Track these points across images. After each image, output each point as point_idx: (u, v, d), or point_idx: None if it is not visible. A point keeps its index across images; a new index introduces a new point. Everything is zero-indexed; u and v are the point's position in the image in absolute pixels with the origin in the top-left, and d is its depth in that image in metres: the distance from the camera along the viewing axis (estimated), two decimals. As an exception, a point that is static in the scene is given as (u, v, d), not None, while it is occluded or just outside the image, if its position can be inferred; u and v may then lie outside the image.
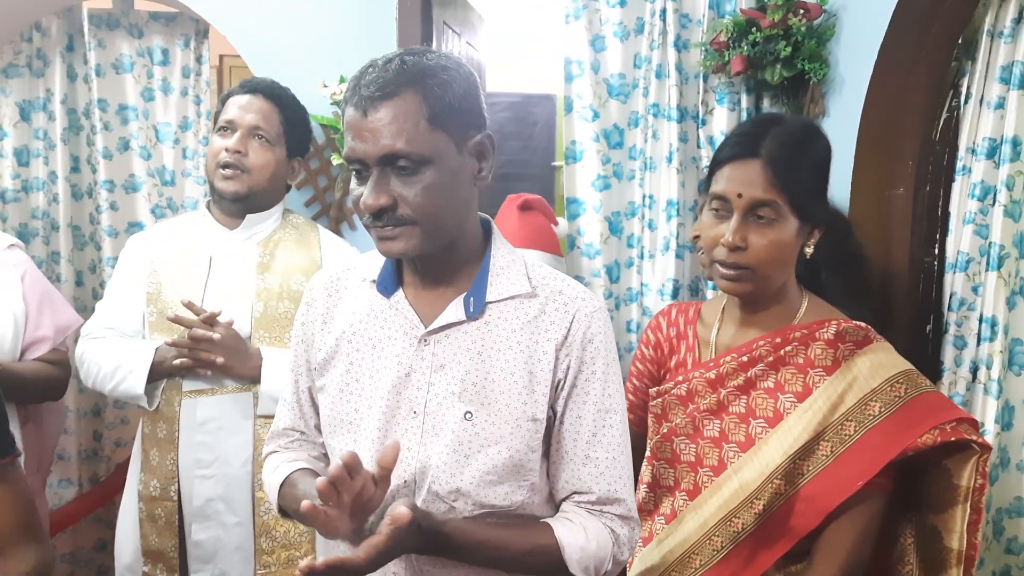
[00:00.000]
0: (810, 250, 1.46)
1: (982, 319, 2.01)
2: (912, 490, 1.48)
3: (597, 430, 1.25)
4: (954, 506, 1.40)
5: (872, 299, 1.91)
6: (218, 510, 1.96)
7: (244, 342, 1.94)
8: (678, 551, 1.50)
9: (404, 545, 1.12)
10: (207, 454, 1.95)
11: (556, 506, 1.29)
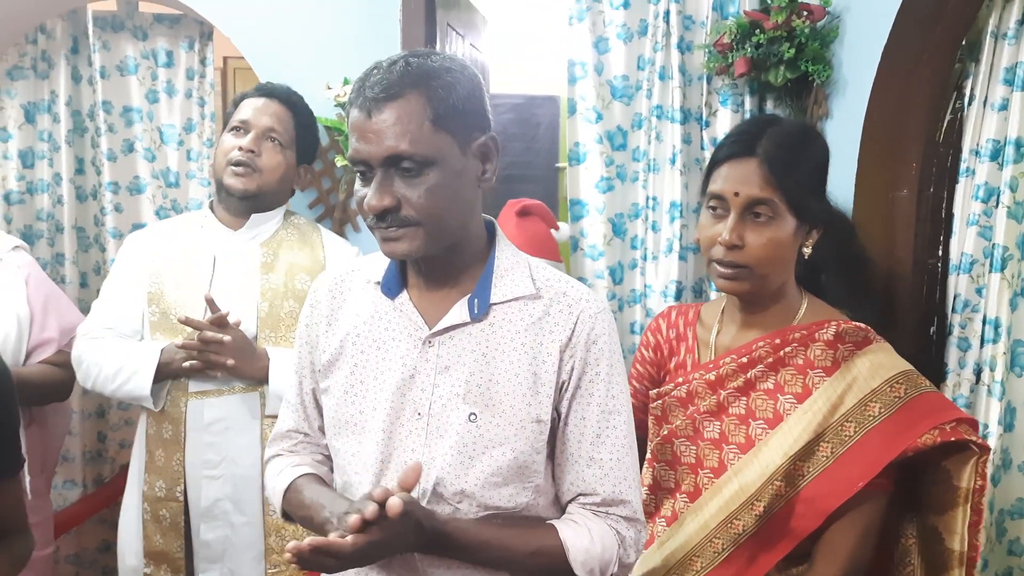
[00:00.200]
0: (808, 250, 1.46)
1: (985, 321, 2.00)
2: (914, 491, 1.48)
3: (601, 431, 1.25)
4: (954, 507, 1.40)
5: (876, 301, 1.91)
6: (226, 510, 1.96)
7: (252, 343, 1.95)
8: (679, 553, 1.50)
9: (401, 540, 1.12)
10: (214, 455, 1.95)
11: (562, 508, 1.29)
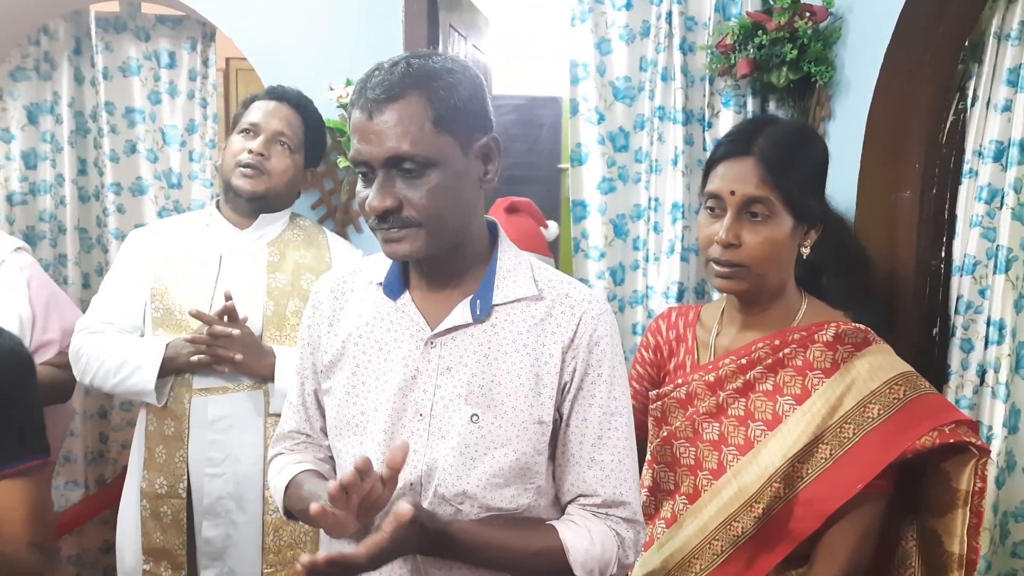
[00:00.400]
0: (806, 250, 1.46)
1: (989, 322, 2.00)
2: (913, 493, 1.47)
3: (602, 433, 1.25)
4: (954, 510, 1.39)
5: (878, 302, 1.90)
6: (228, 508, 1.96)
7: (259, 340, 1.95)
8: (678, 555, 1.50)
9: (407, 544, 1.12)
10: (218, 452, 1.95)
11: (562, 509, 1.29)
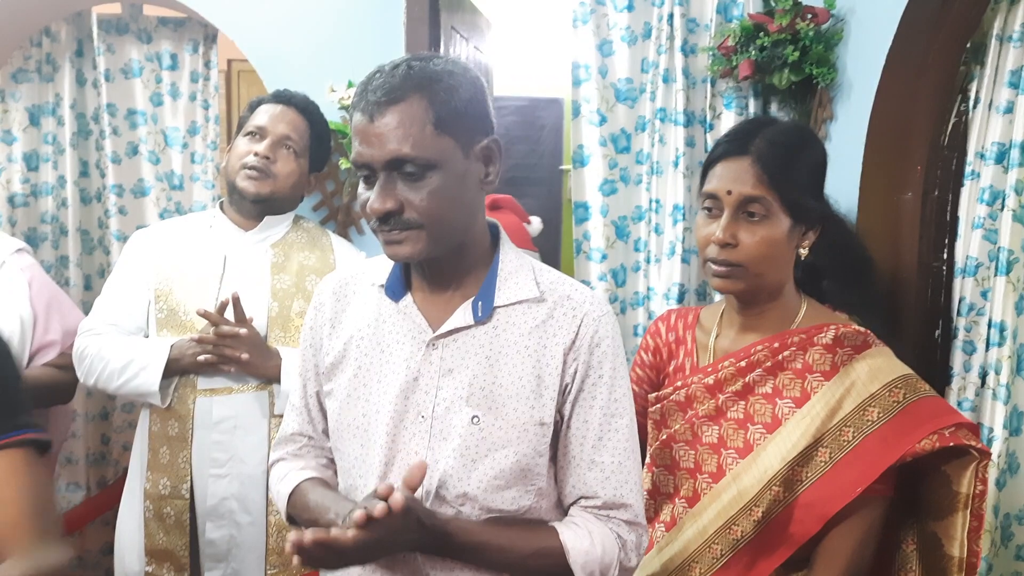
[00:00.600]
0: (804, 251, 1.45)
1: (991, 324, 2.00)
2: (913, 496, 1.46)
3: (603, 434, 1.24)
4: (954, 513, 1.39)
5: (881, 304, 1.90)
6: (232, 509, 1.95)
7: (264, 341, 1.95)
8: (678, 559, 1.49)
9: (401, 537, 1.12)
10: (222, 453, 1.95)
11: (564, 511, 1.29)
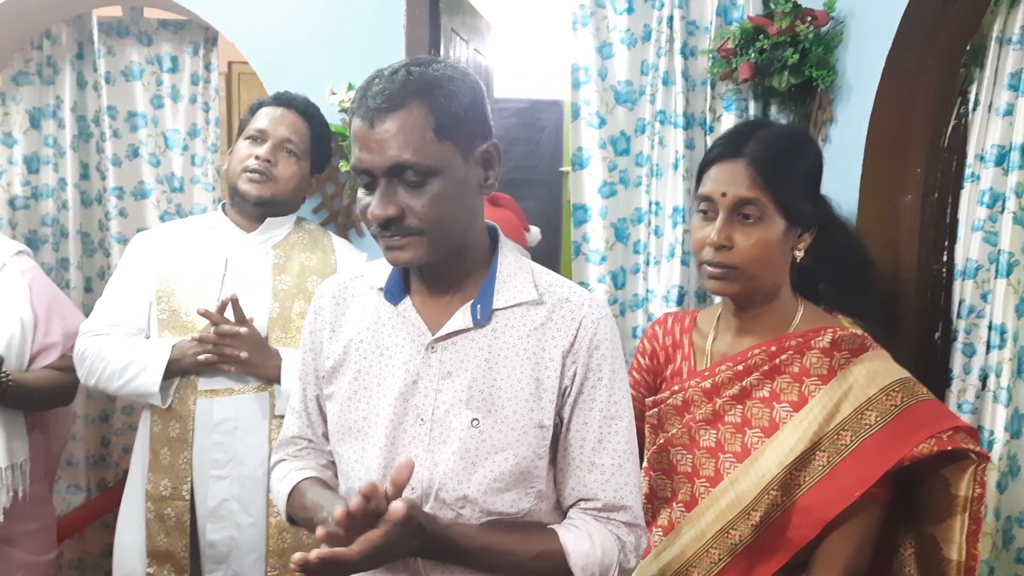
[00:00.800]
0: (800, 254, 1.45)
1: (991, 327, 1.99)
2: (912, 499, 1.46)
3: (603, 437, 1.25)
4: (952, 516, 1.38)
5: (880, 307, 1.89)
6: (232, 510, 1.96)
7: (265, 341, 1.95)
8: (676, 564, 1.49)
9: (403, 544, 1.12)
10: (222, 454, 1.95)
11: (563, 514, 1.29)
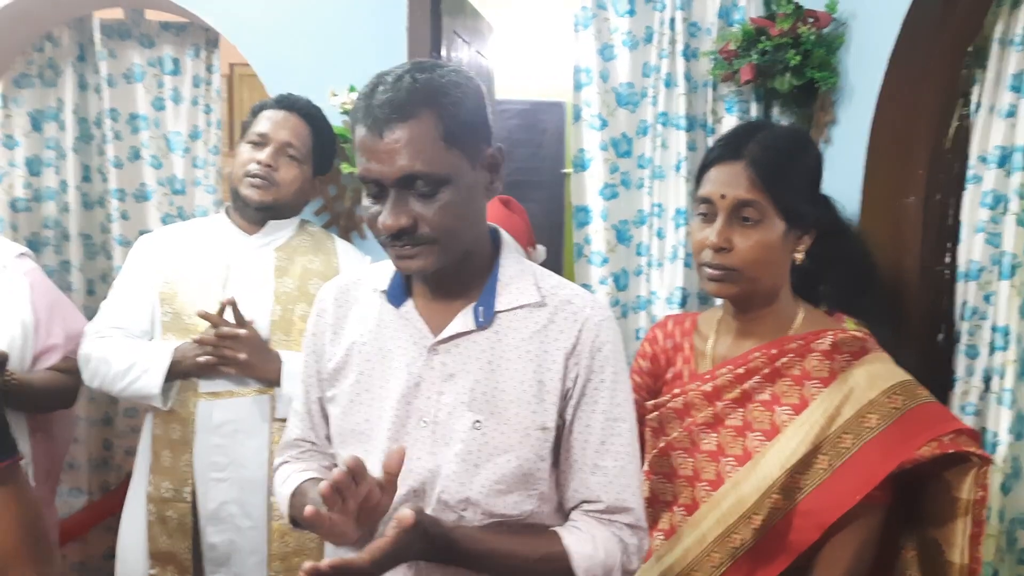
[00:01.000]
0: (800, 256, 1.44)
1: (995, 328, 1.99)
2: (914, 502, 1.45)
3: (605, 438, 1.24)
4: (955, 519, 1.37)
5: (884, 308, 1.89)
6: (232, 513, 1.96)
7: (265, 343, 1.95)
8: (677, 568, 1.48)
9: (410, 549, 1.12)
10: (222, 457, 1.95)
11: (566, 516, 1.29)
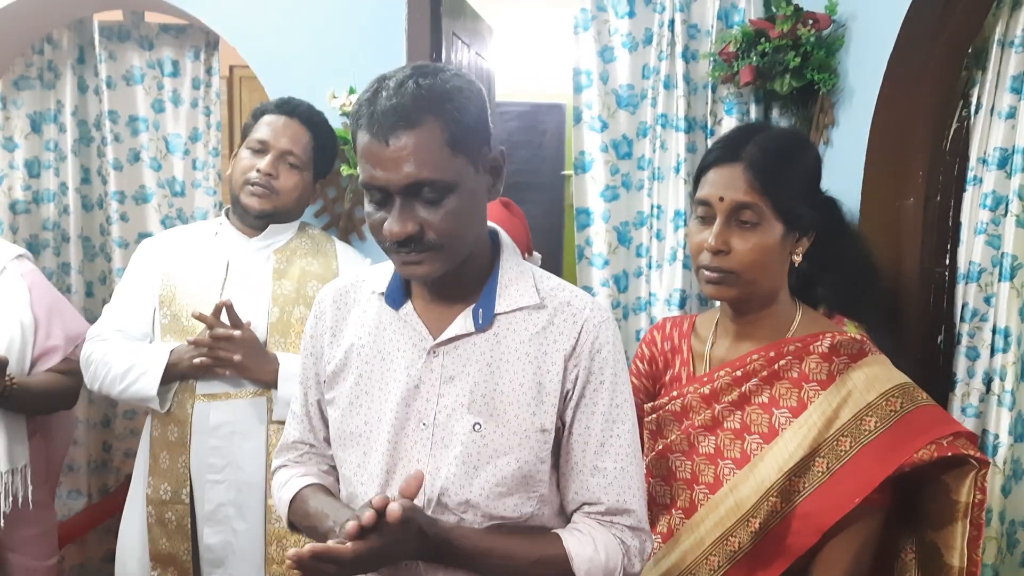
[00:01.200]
0: (798, 258, 1.44)
1: (995, 330, 1.99)
2: (912, 506, 1.45)
3: (605, 440, 1.24)
4: (953, 522, 1.37)
5: (883, 310, 1.89)
6: (228, 515, 1.95)
7: (262, 345, 1.95)
8: (675, 571, 1.48)
9: (403, 547, 1.11)
10: (219, 459, 1.95)
11: (566, 518, 1.29)
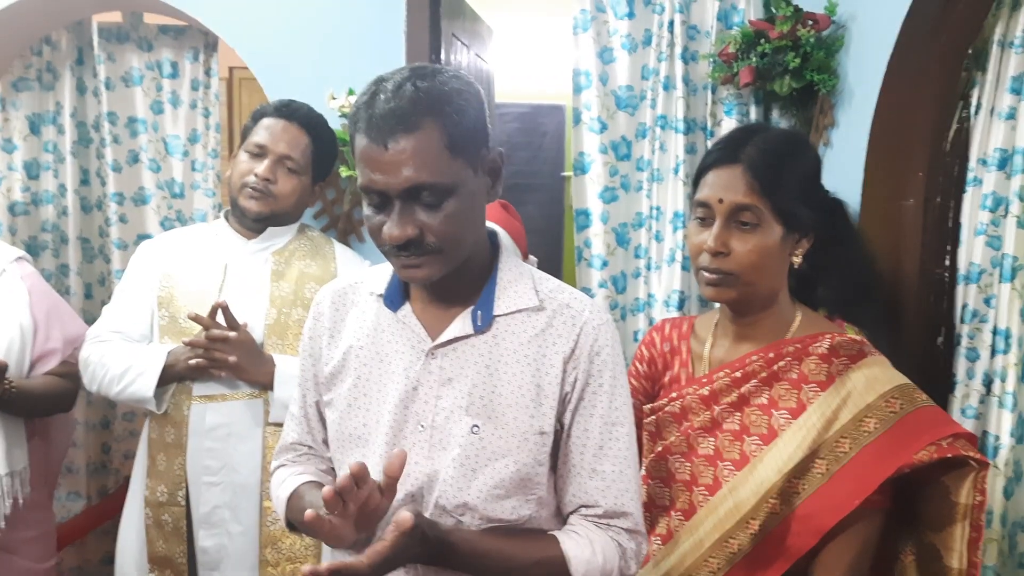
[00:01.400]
0: (798, 260, 1.44)
1: (996, 331, 1.98)
2: (912, 507, 1.45)
3: (604, 443, 1.24)
4: (953, 524, 1.37)
5: (883, 312, 1.88)
6: (224, 518, 1.95)
7: (258, 347, 1.95)
8: (674, 573, 1.47)
9: (408, 552, 1.11)
10: (215, 461, 1.94)
11: (564, 520, 1.28)
